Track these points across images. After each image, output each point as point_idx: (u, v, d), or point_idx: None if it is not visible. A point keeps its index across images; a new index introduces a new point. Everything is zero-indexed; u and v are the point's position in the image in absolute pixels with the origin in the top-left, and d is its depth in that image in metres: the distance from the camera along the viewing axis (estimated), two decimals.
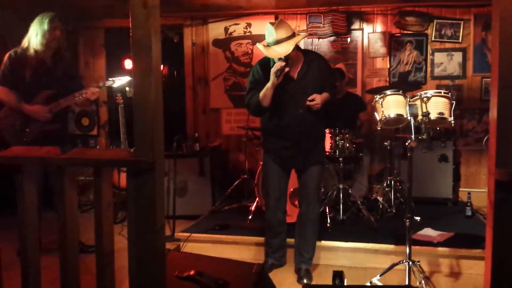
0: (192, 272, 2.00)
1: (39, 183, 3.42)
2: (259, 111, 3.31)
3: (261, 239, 3.76)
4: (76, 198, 2.00)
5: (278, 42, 3.03)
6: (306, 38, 5.46)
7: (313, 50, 5.49)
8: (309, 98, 3.15)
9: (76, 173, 2.00)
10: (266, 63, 3.23)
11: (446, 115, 3.03)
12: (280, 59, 3.06)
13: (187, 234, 4.04)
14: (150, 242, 1.78)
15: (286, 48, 3.01)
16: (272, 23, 3.09)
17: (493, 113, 1.77)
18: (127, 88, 5.20)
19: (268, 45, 3.12)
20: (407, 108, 3.03)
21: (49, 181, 3.59)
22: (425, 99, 3.00)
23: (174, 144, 4.61)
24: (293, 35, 3.08)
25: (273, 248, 3.55)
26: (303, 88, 3.19)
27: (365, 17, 5.58)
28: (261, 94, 3.15)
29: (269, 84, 3.09)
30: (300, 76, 3.22)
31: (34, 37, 3.58)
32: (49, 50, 3.63)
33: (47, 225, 3.58)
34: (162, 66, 6.03)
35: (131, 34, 1.72)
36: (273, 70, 3.04)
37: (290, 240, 3.61)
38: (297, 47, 3.18)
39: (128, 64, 5.81)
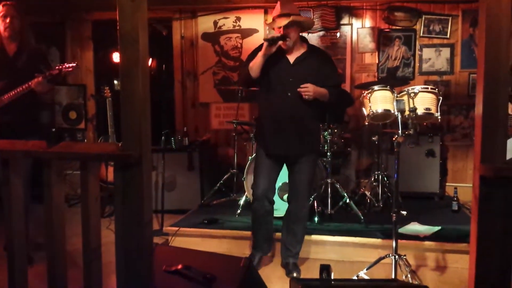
0: (179, 266, 2.00)
1: (27, 176, 3.36)
2: (247, 81, 3.32)
3: (249, 233, 3.76)
4: (63, 192, 1.99)
5: (279, 16, 3.16)
6: None
7: None
8: (302, 86, 3.13)
9: (63, 167, 1.99)
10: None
11: (433, 110, 3.06)
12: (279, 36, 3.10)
13: (176, 228, 4.04)
14: (137, 237, 1.78)
15: (284, 21, 3.10)
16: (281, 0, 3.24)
17: (478, 109, 1.79)
18: (115, 81, 5.16)
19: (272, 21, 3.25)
20: (395, 103, 3.05)
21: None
22: (412, 94, 3.03)
23: (162, 138, 4.59)
24: (296, 14, 3.18)
25: (260, 241, 3.52)
26: (297, 74, 3.19)
27: (354, 12, 5.58)
28: (252, 62, 3.17)
29: (260, 52, 3.11)
30: (297, 62, 3.23)
31: None
32: (7, 40, 3.52)
33: (36, 218, 3.55)
34: (150, 60, 6.01)
35: (118, 27, 1.71)
36: (264, 37, 3.11)
37: (277, 234, 3.62)
38: (302, 38, 3.30)
39: (116, 57, 5.78)
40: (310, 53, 3.27)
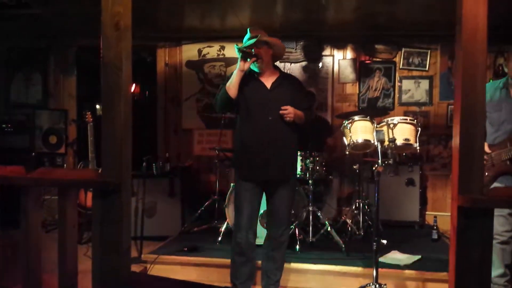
0: None
1: None
2: (225, 103, 3.27)
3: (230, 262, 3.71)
4: (40, 218, 1.95)
5: (249, 39, 3.25)
6: (278, 62, 5.53)
7: None
8: (283, 107, 3.16)
9: (40, 193, 1.96)
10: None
11: (412, 141, 3.11)
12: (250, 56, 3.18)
13: (155, 256, 3.96)
14: (115, 264, 1.75)
15: (253, 40, 3.19)
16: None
17: (455, 141, 1.83)
18: (97, 106, 5.14)
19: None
20: (374, 133, 3.10)
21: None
22: (391, 125, 3.08)
23: (144, 164, 4.56)
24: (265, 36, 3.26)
25: (241, 279, 3.30)
26: (275, 98, 3.22)
27: (336, 44, 5.72)
28: (228, 82, 3.21)
29: (235, 71, 3.16)
30: (273, 87, 3.26)
31: None
32: None
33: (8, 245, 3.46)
34: (134, 86, 6.01)
35: (101, 56, 1.72)
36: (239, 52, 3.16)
37: (258, 262, 3.58)
38: (275, 66, 3.37)
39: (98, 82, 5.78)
40: (283, 78, 3.33)
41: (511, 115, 3.18)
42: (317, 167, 4.42)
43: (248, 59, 3.15)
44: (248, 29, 3.33)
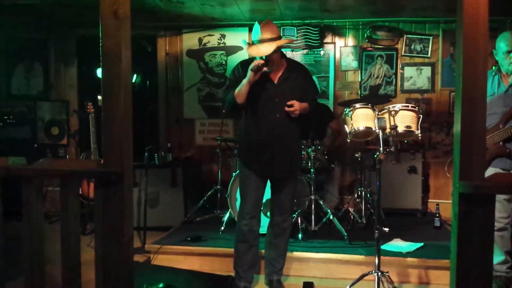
0: (161, 286, 1.98)
1: None
2: (234, 108, 3.23)
3: (233, 250, 3.72)
4: (43, 209, 1.96)
5: (262, 41, 3.02)
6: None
7: None
8: (288, 103, 3.11)
9: (42, 184, 1.96)
10: (248, 63, 3.14)
11: (413, 128, 3.10)
12: (260, 58, 3.04)
13: (158, 246, 3.98)
14: (117, 255, 1.76)
15: (267, 48, 3.00)
16: (260, 22, 3.07)
17: (457, 127, 1.82)
18: (98, 97, 5.13)
19: (252, 43, 3.10)
20: (376, 121, 3.09)
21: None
22: (393, 112, 3.07)
23: (146, 154, 4.55)
24: (278, 38, 3.07)
25: (244, 267, 3.32)
26: (283, 93, 3.16)
27: (337, 31, 5.68)
28: (237, 90, 3.11)
29: (245, 81, 3.06)
30: (281, 81, 3.20)
31: None
32: None
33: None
34: (135, 76, 5.97)
35: (101, 44, 1.71)
36: (250, 66, 3.01)
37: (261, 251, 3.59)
38: (281, 54, 3.22)
39: (99, 72, 5.76)
40: (290, 69, 3.24)
41: (499, 107, 3.21)
42: (319, 156, 4.41)
43: (260, 71, 3.02)
44: (257, 23, 3.09)
